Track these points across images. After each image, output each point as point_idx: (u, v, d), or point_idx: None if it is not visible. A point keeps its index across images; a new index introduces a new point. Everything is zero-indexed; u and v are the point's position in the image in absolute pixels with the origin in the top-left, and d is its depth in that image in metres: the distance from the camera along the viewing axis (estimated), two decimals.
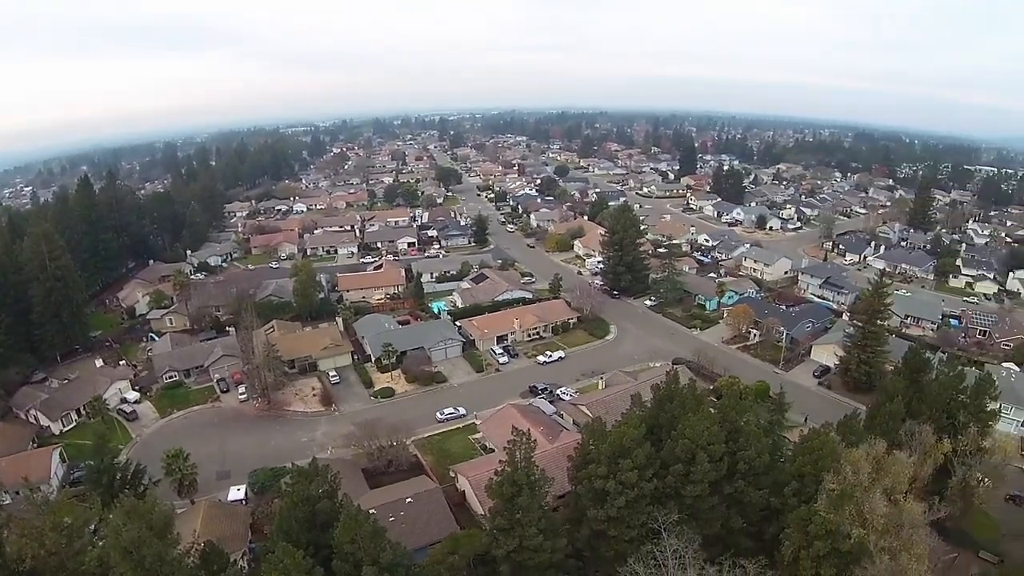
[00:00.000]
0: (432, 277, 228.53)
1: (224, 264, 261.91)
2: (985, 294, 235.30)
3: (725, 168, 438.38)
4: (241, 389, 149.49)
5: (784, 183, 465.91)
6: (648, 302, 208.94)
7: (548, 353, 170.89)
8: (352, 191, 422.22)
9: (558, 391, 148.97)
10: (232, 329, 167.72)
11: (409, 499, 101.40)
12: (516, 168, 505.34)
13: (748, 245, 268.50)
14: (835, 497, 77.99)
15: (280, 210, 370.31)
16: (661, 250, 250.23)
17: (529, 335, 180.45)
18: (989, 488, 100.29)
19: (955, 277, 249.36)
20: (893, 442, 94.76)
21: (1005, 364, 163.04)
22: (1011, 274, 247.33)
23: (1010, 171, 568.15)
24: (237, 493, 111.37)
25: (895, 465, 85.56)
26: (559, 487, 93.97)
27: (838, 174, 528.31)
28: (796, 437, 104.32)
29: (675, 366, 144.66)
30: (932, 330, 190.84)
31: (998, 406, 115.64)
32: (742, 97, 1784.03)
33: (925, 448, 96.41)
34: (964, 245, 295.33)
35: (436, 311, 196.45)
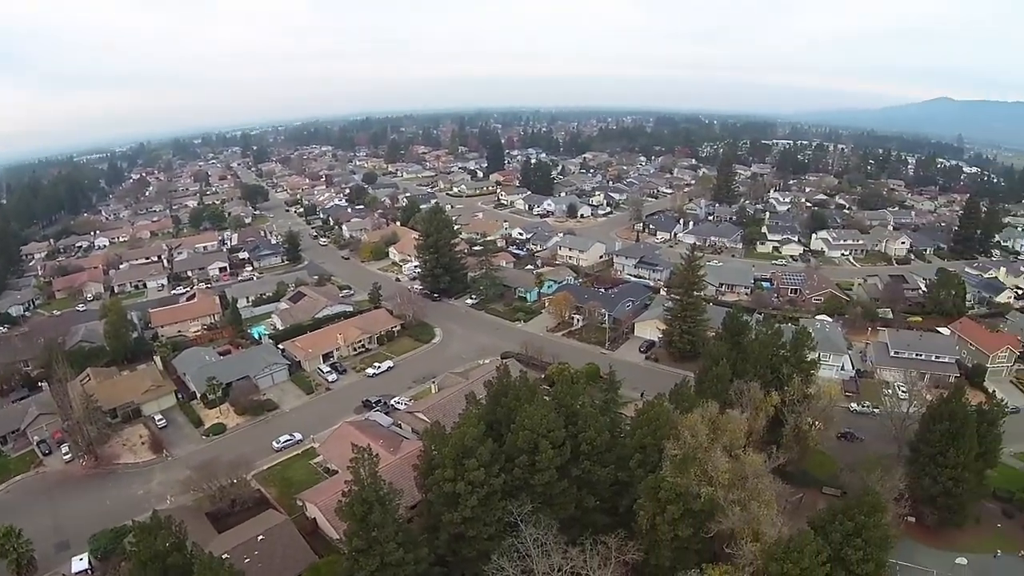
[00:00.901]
0: (248, 301, 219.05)
1: (27, 313, 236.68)
2: (792, 256, 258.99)
3: (533, 162, 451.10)
4: (64, 449, 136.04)
5: (591, 171, 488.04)
6: (469, 301, 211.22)
7: (376, 364, 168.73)
8: (156, 219, 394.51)
9: (392, 401, 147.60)
10: (45, 384, 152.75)
11: (261, 536, 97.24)
12: (324, 179, 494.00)
13: (562, 234, 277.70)
14: (679, 462, 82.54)
15: (81, 247, 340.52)
16: (476, 248, 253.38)
17: (355, 349, 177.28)
18: (821, 430, 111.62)
19: (762, 244, 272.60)
20: (725, 402, 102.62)
21: (819, 317, 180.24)
22: (813, 235, 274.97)
23: (804, 142, 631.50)
24: (80, 563, 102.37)
25: (730, 423, 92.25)
26: (410, 497, 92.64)
27: (643, 158, 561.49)
28: (633, 411, 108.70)
29: (504, 360, 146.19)
30: (746, 294, 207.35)
31: (817, 355, 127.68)
32: (546, 92, 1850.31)
33: (755, 403, 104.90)
34: (768, 213, 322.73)
35: (257, 336, 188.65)
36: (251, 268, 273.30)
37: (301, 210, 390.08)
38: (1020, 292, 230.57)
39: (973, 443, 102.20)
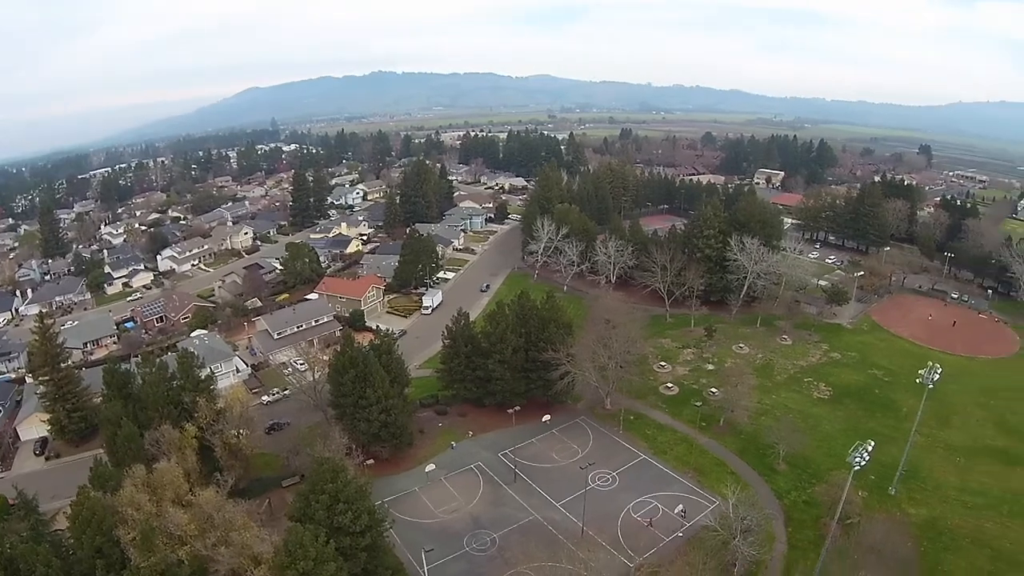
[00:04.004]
0: None
1: None
2: (144, 286, 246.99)
3: None
4: None
5: None
6: None
7: None
8: None
9: None
10: None
11: None
12: None
13: None
14: (141, 542, 75.55)
15: None
16: None
17: None
18: (248, 435, 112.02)
19: (111, 284, 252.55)
20: (149, 458, 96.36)
21: (194, 334, 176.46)
22: (159, 257, 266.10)
23: (123, 165, 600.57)
24: None
25: (164, 476, 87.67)
26: None
27: None
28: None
29: None
30: (115, 343, 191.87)
31: (209, 370, 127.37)
32: None
33: (176, 444, 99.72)
34: (105, 251, 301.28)
35: None
36: None
37: None
38: (364, 239, 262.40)
39: (382, 375, 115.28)
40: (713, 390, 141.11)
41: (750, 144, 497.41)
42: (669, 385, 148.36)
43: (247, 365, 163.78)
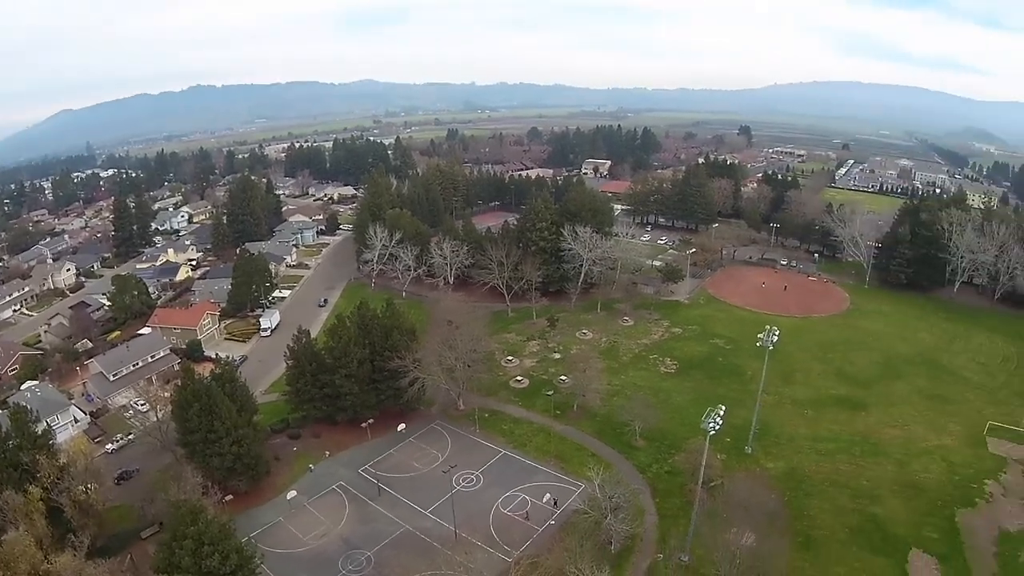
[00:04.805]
0: None
1: None
2: None
3: None
4: None
5: None
6: None
7: None
8: None
9: None
10: None
11: None
12: None
13: None
14: None
15: None
16: None
17: None
18: (98, 488, 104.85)
19: None
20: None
21: (24, 386, 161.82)
22: None
23: None
24: None
25: (16, 547, 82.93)
26: None
27: None
28: None
29: None
30: None
31: (45, 424, 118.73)
32: None
33: (23, 509, 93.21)
34: None
35: None
36: None
37: None
38: (194, 264, 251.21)
39: (228, 405, 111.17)
40: (563, 378, 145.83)
41: (576, 136, 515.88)
42: (519, 378, 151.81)
43: (85, 413, 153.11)
